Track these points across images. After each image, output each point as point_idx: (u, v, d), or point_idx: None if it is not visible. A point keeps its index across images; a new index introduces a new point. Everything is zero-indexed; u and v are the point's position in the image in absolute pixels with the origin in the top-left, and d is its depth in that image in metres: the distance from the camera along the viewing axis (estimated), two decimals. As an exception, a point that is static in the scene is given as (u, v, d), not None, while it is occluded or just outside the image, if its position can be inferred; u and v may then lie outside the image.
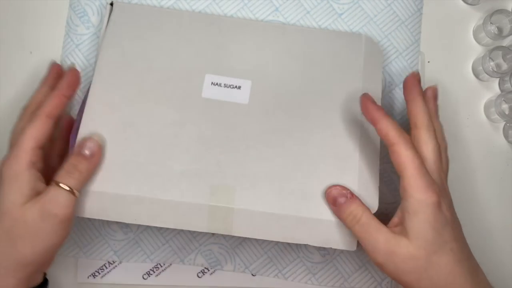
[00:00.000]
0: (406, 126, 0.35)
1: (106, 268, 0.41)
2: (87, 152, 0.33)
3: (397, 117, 0.44)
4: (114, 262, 0.41)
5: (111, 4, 0.41)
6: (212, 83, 0.38)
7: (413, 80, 0.35)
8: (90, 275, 0.41)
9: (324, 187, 0.36)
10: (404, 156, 0.32)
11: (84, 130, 0.36)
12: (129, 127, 0.37)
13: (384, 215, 0.35)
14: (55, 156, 0.38)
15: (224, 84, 0.38)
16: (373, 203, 0.36)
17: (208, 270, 0.42)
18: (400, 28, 0.44)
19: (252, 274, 0.41)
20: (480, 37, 0.45)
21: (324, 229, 0.36)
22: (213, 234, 0.42)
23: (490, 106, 0.44)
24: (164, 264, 0.41)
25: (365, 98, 0.34)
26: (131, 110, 0.37)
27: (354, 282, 0.42)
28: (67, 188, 0.32)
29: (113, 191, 0.35)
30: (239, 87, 0.38)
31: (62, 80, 0.36)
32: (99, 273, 0.41)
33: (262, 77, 0.39)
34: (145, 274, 0.41)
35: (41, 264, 0.33)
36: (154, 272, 0.41)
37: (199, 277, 0.41)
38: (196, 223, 0.35)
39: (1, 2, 0.44)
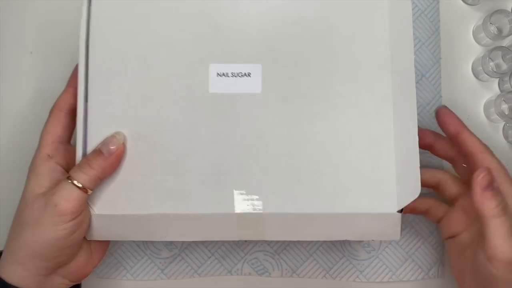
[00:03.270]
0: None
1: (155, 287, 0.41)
2: (103, 149, 0.33)
3: (427, 107, 0.44)
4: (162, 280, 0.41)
5: None
6: (218, 74, 0.34)
7: (449, 113, 0.38)
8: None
9: (357, 177, 0.34)
10: (494, 162, 0.35)
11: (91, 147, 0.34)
12: (138, 140, 0.34)
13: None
14: None
15: (232, 73, 0.34)
16: (415, 188, 0.33)
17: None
18: (420, 18, 0.44)
19: (299, 277, 0.42)
20: (479, 37, 0.45)
21: (362, 223, 0.34)
22: (245, 240, 0.41)
23: (489, 106, 0.44)
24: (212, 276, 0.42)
25: (443, 112, 0.37)
26: (136, 120, 0.34)
27: (402, 275, 0.41)
28: (76, 183, 0.32)
29: (134, 212, 0.34)
30: (249, 74, 0.34)
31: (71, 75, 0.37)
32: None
33: (273, 57, 0.34)
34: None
35: (47, 259, 0.33)
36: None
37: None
38: (225, 232, 0.34)
39: (1, 2, 0.45)
